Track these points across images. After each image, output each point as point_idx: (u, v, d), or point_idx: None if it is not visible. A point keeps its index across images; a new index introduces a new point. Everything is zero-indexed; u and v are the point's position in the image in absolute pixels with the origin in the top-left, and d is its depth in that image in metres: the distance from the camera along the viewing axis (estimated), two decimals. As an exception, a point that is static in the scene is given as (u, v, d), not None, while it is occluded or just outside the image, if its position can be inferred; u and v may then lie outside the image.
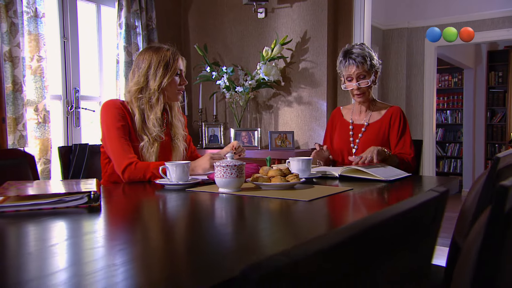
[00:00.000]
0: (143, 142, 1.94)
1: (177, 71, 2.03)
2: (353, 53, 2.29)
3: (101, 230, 1.09)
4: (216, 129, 3.95)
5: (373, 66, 2.29)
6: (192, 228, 1.15)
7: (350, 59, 2.29)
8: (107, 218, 1.21)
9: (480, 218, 0.75)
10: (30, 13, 3.15)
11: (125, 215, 1.28)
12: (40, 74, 3.19)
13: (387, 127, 2.33)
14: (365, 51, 2.29)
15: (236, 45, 4.11)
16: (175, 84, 2.02)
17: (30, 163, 1.85)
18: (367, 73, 2.28)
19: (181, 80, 2.06)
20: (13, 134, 3.04)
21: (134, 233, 1.07)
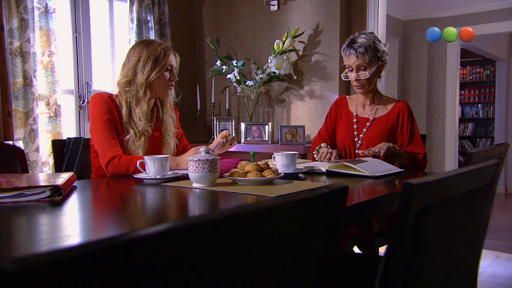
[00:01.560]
0: (129, 135, 1.93)
1: (167, 67, 2.01)
2: (356, 43, 2.20)
3: (46, 224, 1.08)
4: (227, 123, 3.92)
5: (376, 58, 2.19)
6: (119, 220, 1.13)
7: (351, 48, 2.20)
8: (61, 211, 1.20)
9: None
10: (41, 8, 3.21)
11: (84, 209, 1.27)
12: (51, 69, 3.25)
13: (394, 123, 2.23)
14: (370, 41, 2.19)
15: (248, 38, 4.07)
16: (163, 79, 2.00)
17: (19, 156, 1.88)
18: (368, 65, 2.18)
19: (171, 75, 2.04)
20: (23, 128, 3.10)
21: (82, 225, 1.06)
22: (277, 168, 1.80)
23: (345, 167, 1.80)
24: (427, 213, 0.66)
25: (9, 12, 3.00)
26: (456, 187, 0.75)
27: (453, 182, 0.73)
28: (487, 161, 0.91)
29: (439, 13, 4.54)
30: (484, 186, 0.90)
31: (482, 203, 0.93)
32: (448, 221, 0.77)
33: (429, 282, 0.75)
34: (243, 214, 0.49)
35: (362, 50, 2.17)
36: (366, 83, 2.23)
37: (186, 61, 4.26)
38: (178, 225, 0.41)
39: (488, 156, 1.34)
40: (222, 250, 0.48)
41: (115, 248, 0.36)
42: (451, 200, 0.75)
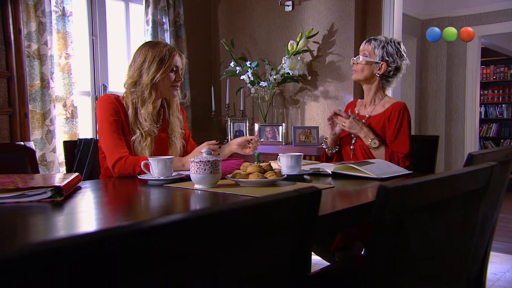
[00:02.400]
0: (135, 136, 1.95)
1: (172, 67, 2.02)
2: (376, 36, 2.34)
3: (42, 225, 1.10)
4: (241, 124, 3.93)
5: (381, 53, 2.26)
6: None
7: (367, 38, 2.35)
8: (59, 212, 1.22)
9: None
10: (58, 12, 3.27)
11: (82, 209, 1.28)
12: (67, 71, 3.31)
13: (386, 123, 2.24)
14: (386, 41, 2.28)
15: (263, 39, 4.06)
16: (169, 80, 2.02)
17: (29, 156, 1.92)
18: (370, 54, 2.28)
19: (176, 76, 2.05)
20: (41, 128, 3.17)
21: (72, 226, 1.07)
22: (282, 169, 1.79)
23: (350, 168, 1.78)
24: (408, 217, 0.64)
25: (28, 16, 3.07)
26: (442, 191, 0.73)
27: (437, 186, 0.71)
28: (482, 163, 0.89)
29: (458, 11, 4.45)
30: (478, 189, 0.88)
31: (476, 205, 0.90)
32: (434, 225, 0.75)
33: (413, 285, 0.73)
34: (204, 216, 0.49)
35: (373, 41, 2.30)
36: (359, 70, 2.31)
37: (201, 62, 4.29)
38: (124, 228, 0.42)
39: (494, 158, 1.31)
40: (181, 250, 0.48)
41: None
42: (436, 203, 0.73)
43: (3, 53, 2.68)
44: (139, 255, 0.45)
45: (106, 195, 1.50)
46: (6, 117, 2.69)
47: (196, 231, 0.49)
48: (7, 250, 0.35)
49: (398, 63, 2.28)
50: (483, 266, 1.47)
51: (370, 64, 2.27)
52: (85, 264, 0.40)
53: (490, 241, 1.46)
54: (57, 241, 0.38)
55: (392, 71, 2.28)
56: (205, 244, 0.51)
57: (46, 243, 0.37)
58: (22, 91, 2.79)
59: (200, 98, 4.19)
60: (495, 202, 1.30)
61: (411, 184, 0.64)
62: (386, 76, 2.30)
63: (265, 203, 0.55)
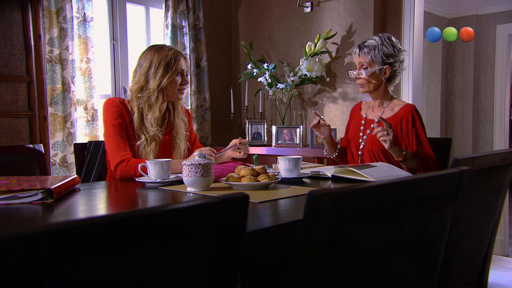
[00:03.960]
0: (140, 141, 1.98)
1: (178, 71, 2.04)
2: (365, 43, 2.23)
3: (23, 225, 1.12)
4: (260, 126, 3.92)
5: (380, 59, 2.18)
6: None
7: (358, 47, 2.24)
8: (46, 213, 1.25)
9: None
10: (80, 18, 3.36)
11: (69, 212, 1.31)
12: (88, 75, 3.39)
13: (398, 127, 2.17)
14: (378, 42, 2.18)
15: (282, 41, 4.05)
16: (175, 84, 2.04)
17: (38, 159, 1.98)
18: (369, 65, 2.20)
19: (183, 80, 2.06)
20: (62, 131, 3.26)
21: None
22: (281, 172, 1.78)
23: (350, 172, 1.75)
24: (345, 226, 0.61)
25: (50, 22, 3.17)
26: (388, 197, 0.70)
27: (381, 192, 0.68)
28: (449, 169, 0.85)
29: (486, 9, 4.30)
30: (444, 194, 0.84)
31: (442, 211, 0.86)
32: (381, 232, 0.71)
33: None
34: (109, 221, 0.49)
35: (366, 49, 2.20)
36: (365, 83, 2.24)
37: (221, 65, 4.31)
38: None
39: (487, 162, 1.25)
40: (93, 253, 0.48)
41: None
42: (383, 210, 0.69)
43: (24, 58, 2.78)
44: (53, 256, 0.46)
45: (99, 198, 1.53)
46: (26, 120, 2.78)
47: (110, 233, 0.49)
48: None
49: (400, 59, 2.22)
50: (483, 271, 1.41)
51: (374, 74, 2.20)
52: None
53: (490, 246, 1.40)
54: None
55: (397, 69, 2.22)
56: (123, 246, 0.51)
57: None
58: (41, 95, 2.88)
59: (220, 100, 4.21)
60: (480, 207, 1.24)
61: (348, 190, 0.61)
62: (392, 76, 2.24)
63: (184, 208, 0.54)
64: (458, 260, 1.20)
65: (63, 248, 0.45)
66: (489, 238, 1.35)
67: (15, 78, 2.75)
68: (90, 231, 0.48)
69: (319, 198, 0.58)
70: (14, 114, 2.74)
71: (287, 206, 1.34)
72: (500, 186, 1.30)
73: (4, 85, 2.70)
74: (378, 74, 2.20)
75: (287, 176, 1.75)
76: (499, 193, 1.31)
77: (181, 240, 0.54)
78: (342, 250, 0.64)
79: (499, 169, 1.27)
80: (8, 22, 2.70)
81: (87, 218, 0.48)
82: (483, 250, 1.35)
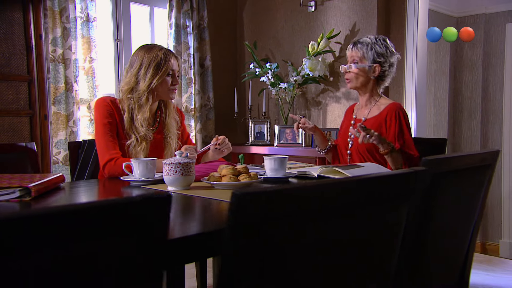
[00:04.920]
0: (130, 140, 1.99)
1: (169, 71, 2.04)
2: (360, 39, 2.25)
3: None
4: (262, 125, 3.91)
5: (371, 56, 2.19)
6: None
7: (352, 43, 2.26)
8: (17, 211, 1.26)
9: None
10: (83, 17, 3.39)
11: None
12: (91, 74, 3.43)
13: (382, 124, 2.15)
14: (372, 40, 2.20)
15: (286, 41, 4.03)
16: (166, 84, 2.04)
17: (30, 157, 2.00)
18: (360, 60, 2.21)
19: (173, 80, 2.07)
20: (65, 130, 3.30)
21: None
22: (266, 172, 1.77)
23: (336, 172, 1.73)
24: (271, 229, 0.60)
25: (53, 22, 3.21)
26: (323, 197, 0.68)
27: (314, 192, 0.66)
28: (405, 169, 0.83)
29: (496, 7, 4.21)
30: (394, 195, 0.82)
31: (391, 211, 0.84)
32: (316, 235, 0.69)
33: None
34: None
35: (359, 45, 2.22)
36: (353, 78, 2.24)
37: (225, 65, 4.31)
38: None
39: (464, 163, 1.22)
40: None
41: None
42: (318, 210, 0.67)
43: (25, 57, 2.82)
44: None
45: (78, 196, 1.54)
46: (27, 118, 2.82)
47: (18, 231, 0.49)
48: None
49: (390, 60, 2.21)
50: (464, 270, 1.38)
51: (363, 70, 2.21)
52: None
53: (472, 245, 1.37)
54: None
55: (386, 70, 2.21)
56: (34, 244, 0.51)
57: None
58: (42, 94, 2.91)
59: (224, 100, 4.21)
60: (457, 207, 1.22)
61: (275, 191, 0.60)
62: (381, 76, 2.23)
63: (99, 206, 0.54)
64: (432, 259, 1.18)
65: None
66: (469, 237, 1.32)
67: (16, 77, 2.79)
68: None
69: (242, 198, 0.57)
70: (15, 113, 2.78)
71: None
72: (479, 186, 1.27)
73: (5, 84, 2.74)
74: (367, 70, 2.21)
75: (273, 176, 1.73)
76: (478, 194, 1.28)
77: (97, 238, 0.53)
78: (269, 253, 0.63)
79: (478, 169, 1.24)
80: (9, 22, 2.74)
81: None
82: (463, 249, 1.32)
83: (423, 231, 1.05)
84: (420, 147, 2.20)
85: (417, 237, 1.01)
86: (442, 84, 4.42)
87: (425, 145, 2.23)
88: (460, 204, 1.22)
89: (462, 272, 1.35)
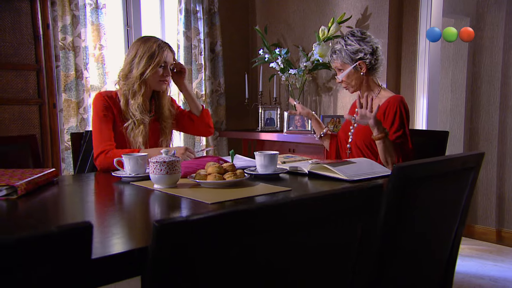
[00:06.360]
0: (128, 123, 2.05)
1: (161, 64, 2.08)
2: (333, 48, 2.26)
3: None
4: (273, 112, 3.89)
5: (349, 58, 2.17)
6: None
7: (329, 54, 2.28)
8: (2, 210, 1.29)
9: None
10: (92, 4, 3.41)
11: (30, 207, 1.35)
12: (101, 61, 3.46)
13: (381, 118, 2.10)
14: (341, 43, 2.19)
15: (298, 25, 3.97)
16: (157, 75, 2.09)
17: (32, 148, 2.05)
18: (343, 67, 2.20)
19: (165, 71, 2.11)
20: (76, 117, 3.36)
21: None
22: (257, 168, 1.77)
23: (325, 169, 1.71)
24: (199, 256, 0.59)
25: (63, 10, 3.23)
26: (253, 222, 0.66)
27: (239, 219, 0.64)
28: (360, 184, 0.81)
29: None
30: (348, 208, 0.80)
31: (345, 225, 0.82)
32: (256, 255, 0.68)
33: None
34: None
35: (334, 55, 2.23)
36: (348, 85, 2.26)
37: (237, 50, 4.27)
38: None
39: (442, 167, 1.19)
40: None
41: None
42: (250, 235, 0.66)
43: (33, 47, 2.86)
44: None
45: (66, 195, 1.57)
46: (36, 107, 2.88)
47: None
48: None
49: (369, 50, 2.16)
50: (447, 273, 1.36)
51: (350, 74, 2.19)
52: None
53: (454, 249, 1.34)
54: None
55: (371, 60, 2.16)
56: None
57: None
58: (50, 83, 2.96)
59: (235, 85, 4.19)
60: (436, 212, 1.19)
61: (197, 219, 0.59)
62: (369, 69, 2.18)
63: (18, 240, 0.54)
64: (404, 271, 1.16)
65: None
66: (451, 244, 1.30)
67: (25, 67, 2.84)
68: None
69: (162, 229, 0.57)
70: (24, 102, 2.84)
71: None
72: (461, 191, 1.24)
73: (14, 73, 2.80)
74: (354, 72, 2.20)
75: (263, 172, 1.73)
76: (459, 198, 1.25)
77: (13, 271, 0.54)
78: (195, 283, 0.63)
79: (459, 173, 1.20)
80: (17, 12, 2.78)
81: None
82: (444, 254, 1.30)
83: (388, 246, 1.03)
84: (422, 139, 2.16)
85: (382, 253, 1.00)
86: (460, 67, 4.29)
87: (426, 137, 2.17)
88: (438, 210, 1.19)
89: (446, 275, 1.33)
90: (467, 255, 3.44)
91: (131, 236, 1.04)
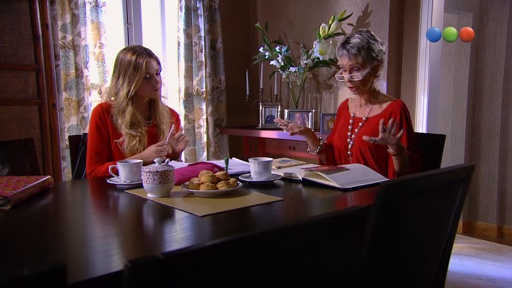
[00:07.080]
0: (122, 138, 2.07)
1: (144, 76, 2.07)
2: (349, 43, 2.08)
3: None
4: (273, 109, 3.88)
5: (371, 58, 2.07)
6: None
7: (344, 49, 2.10)
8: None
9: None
10: (92, 3, 3.40)
11: (23, 218, 1.36)
12: (101, 59, 3.46)
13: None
14: (364, 41, 2.06)
15: (299, 22, 3.94)
16: (145, 88, 2.11)
17: (29, 154, 2.07)
18: (361, 66, 2.06)
19: (152, 81, 2.11)
20: (76, 115, 3.37)
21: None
22: (251, 175, 1.77)
23: (319, 176, 1.71)
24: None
25: (62, 9, 3.23)
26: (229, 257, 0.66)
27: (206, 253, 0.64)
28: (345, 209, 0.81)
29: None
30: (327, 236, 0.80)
31: (322, 253, 0.82)
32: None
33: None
34: None
35: (355, 51, 2.06)
36: (360, 85, 2.12)
37: (238, 47, 4.26)
38: None
39: (432, 181, 1.19)
40: None
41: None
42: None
43: (32, 47, 2.87)
44: None
45: (58, 204, 1.58)
46: (36, 107, 2.89)
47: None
48: None
49: (383, 50, 2.12)
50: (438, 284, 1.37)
51: (368, 74, 2.09)
52: None
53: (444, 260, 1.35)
54: None
55: (383, 63, 2.13)
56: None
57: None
58: (50, 83, 2.97)
59: (236, 82, 4.19)
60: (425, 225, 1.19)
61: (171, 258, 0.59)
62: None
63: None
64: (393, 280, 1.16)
65: None
66: (441, 253, 1.30)
67: (24, 67, 2.85)
68: None
69: (135, 269, 0.57)
70: (24, 102, 2.85)
71: (231, 219, 1.33)
72: (451, 203, 1.24)
73: (13, 74, 2.81)
74: (370, 72, 2.10)
75: (257, 179, 1.73)
76: (449, 211, 1.25)
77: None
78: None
79: (448, 186, 1.20)
80: (16, 12, 2.78)
81: None
82: (434, 264, 1.30)
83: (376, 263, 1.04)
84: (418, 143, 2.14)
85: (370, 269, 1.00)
86: (463, 63, 4.25)
87: (422, 141, 2.16)
88: (427, 224, 1.19)
89: (435, 285, 1.34)
90: (466, 254, 3.44)
91: (115, 258, 1.05)
